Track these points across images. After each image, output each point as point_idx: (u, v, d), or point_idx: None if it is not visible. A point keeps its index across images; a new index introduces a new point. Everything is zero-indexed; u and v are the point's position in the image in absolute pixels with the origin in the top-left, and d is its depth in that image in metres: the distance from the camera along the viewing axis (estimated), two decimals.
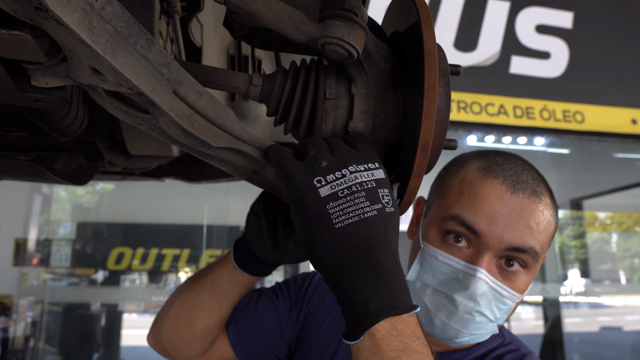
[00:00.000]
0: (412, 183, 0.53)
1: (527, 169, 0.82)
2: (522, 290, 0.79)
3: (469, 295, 0.74)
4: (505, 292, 0.76)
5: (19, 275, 4.42)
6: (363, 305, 0.46)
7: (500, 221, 0.75)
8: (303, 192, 0.49)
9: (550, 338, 5.08)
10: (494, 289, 0.76)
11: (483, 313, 0.75)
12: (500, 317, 0.79)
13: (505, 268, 0.77)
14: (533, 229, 0.76)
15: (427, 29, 0.51)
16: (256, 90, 0.58)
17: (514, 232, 0.75)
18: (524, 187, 0.78)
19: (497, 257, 0.77)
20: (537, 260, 0.78)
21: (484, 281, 0.74)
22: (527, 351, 0.89)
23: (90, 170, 1.10)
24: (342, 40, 0.46)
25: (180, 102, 0.49)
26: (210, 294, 0.88)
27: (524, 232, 0.75)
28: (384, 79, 0.57)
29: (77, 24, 0.40)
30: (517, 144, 4.45)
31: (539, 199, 0.78)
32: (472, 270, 0.75)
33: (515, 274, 0.77)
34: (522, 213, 0.76)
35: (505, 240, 0.75)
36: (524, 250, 0.76)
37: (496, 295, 0.76)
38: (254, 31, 0.61)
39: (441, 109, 0.54)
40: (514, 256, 0.77)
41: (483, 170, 0.81)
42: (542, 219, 0.77)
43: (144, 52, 0.45)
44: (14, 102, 0.54)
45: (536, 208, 0.77)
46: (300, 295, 1.03)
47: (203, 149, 0.54)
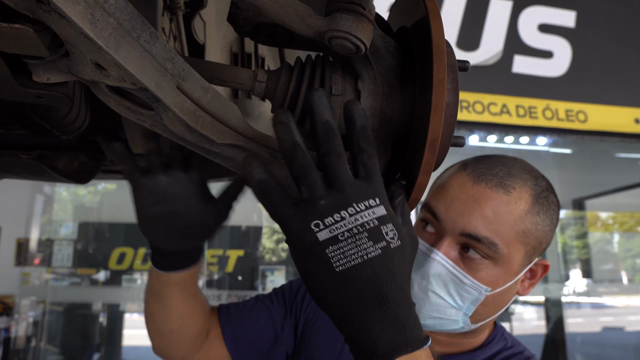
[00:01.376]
0: (420, 180, 0.52)
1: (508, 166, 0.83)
2: (490, 283, 0.79)
3: (422, 274, 0.78)
4: (466, 280, 0.78)
5: (21, 275, 4.42)
6: (372, 345, 0.44)
7: (456, 207, 0.79)
8: (300, 237, 0.46)
9: (553, 338, 5.06)
10: (452, 273, 0.77)
11: (438, 294, 0.78)
12: (465, 306, 0.79)
13: (464, 254, 0.79)
14: (488, 218, 0.77)
15: (436, 24, 0.50)
16: (261, 87, 0.58)
17: (467, 218, 0.77)
18: (489, 179, 0.80)
19: (457, 243, 0.79)
20: (497, 252, 0.77)
21: (439, 262, 0.77)
22: (529, 354, 0.90)
23: (92, 169, 1.09)
24: (350, 34, 0.45)
25: (185, 97, 0.48)
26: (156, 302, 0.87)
27: (477, 219, 0.77)
28: (391, 75, 0.56)
29: (79, 16, 0.39)
30: (519, 143, 4.44)
31: (504, 191, 0.79)
32: (429, 251, 0.79)
33: (477, 263, 0.78)
34: (479, 201, 0.78)
35: (458, 225, 0.78)
36: (476, 238, 0.77)
37: (455, 280, 0.78)
38: (259, 27, 0.60)
39: (449, 105, 0.53)
40: (469, 243, 0.78)
41: (461, 165, 0.86)
42: (503, 210, 0.78)
43: (147, 47, 0.44)
44: (16, 98, 0.53)
45: (496, 198, 0.78)
46: (297, 301, 1.03)
47: (207, 145, 0.53)
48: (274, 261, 5.35)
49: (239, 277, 5.12)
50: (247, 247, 5.28)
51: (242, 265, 5.09)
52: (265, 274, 5.13)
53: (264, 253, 5.40)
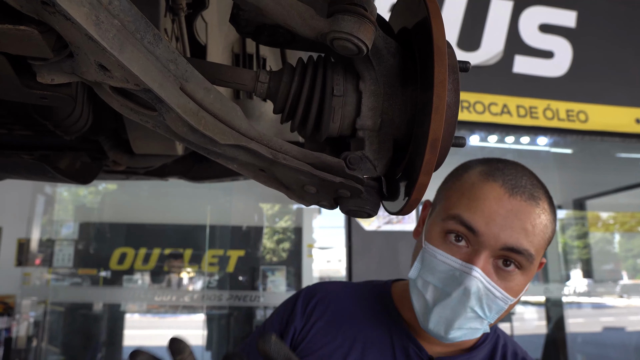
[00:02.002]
0: (420, 180, 0.53)
1: (526, 175, 0.86)
2: (516, 293, 0.82)
3: (464, 291, 0.78)
4: (499, 294, 0.79)
5: (22, 275, 4.43)
6: None
7: (497, 221, 0.79)
8: None
9: (553, 338, 5.06)
10: (488, 289, 0.79)
11: (474, 310, 0.79)
12: (491, 317, 0.82)
13: (503, 268, 0.80)
14: (528, 231, 0.79)
15: (437, 25, 0.50)
16: (263, 87, 0.58)
17: (510, 233, 0.78)
18: (522, 191, 0.81)
19: (494, 257, 0.80)
20: (531, 263, 0.81)
21: (478, 279, 0.78)
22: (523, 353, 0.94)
23: (95, 170, 1.09)
24: (352, 35, 0.46)
25: (187, 98, 0.48)
26: None
27: (519, 233, 0.79)
28: (392, 76, 0.56)
29: (84, 18, 0.39)
30: (520, 143, 4.44)
31: (535, 203, 0.81)
32: (468, 269, 0.78)
33: (511, 274, 0.80)
34: (519, 215, 0.79)
35: (501, 239, 0.78)
36: (518, 251, 0.79)
37: (489, 295, 0.79)
38: (261, 28, 0.60)
39: (450, 106, 0.53)
40: (509, 256, 0.79)
41: (484, 174, 0.85)
42: (538, 222, 0.81)
43: (151, 48, 0.45)
44: (20, 99, 0.53)
45: (532, 211, 0.81)
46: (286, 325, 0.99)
47: (210, 146, 0.53)
48: (274, 261, 5.36)
49: (240, 278, 5.12)
50: (247, 247, 5.29)
51: (242, 265, 5.10)
52: (266, 274, 5.13)
53: (264, 253, 5.41)
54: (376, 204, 0.59)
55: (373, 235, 3.74)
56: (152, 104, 0.51)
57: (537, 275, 6.37)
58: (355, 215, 0.60)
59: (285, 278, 5.19)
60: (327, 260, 5.58)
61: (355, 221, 3.72)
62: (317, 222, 5.58)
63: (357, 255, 3.66)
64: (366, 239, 3.71)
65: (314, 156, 0.54)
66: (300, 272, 5.26)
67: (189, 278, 5.12)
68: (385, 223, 3.77)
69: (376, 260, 3.66)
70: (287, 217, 5.73)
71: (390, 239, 3.73)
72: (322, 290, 1.01)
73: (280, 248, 5.53)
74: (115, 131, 1.05)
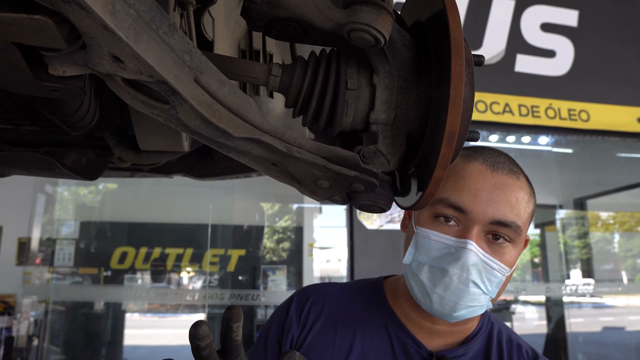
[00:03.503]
0: (436, 174, 0.52)
1: (503, 154, 0.90)
2: (510, 264, 0.84)
3: (461, 266, 0.79)
4: (495, 265, 0.81)
5: (23, 274, 4.42)
6: None
7: (483, 197, 0.81)
8: None
9: (554, 338, 5.07)
10: (484, 261, 0.81)
11: (476, 283, 0.80)
12: (492, 290, 0.83)
13: (493, 242, 0.82)
14: (513, 204, 0.82)
15: (453, 17, 0.50)
16: (275, 81, 0.57)
17: (497, 207, 0.81)
18: (502, 167, 0.85)
19: (485, 232, 0.82)
20: (519, 234, 0.83)
21: (474, 252, 0.80)
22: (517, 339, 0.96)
23: (101, 166, 1.09)
24: (370, 26, 0.45)
25: (202, 90, 0.48)
26: None
27: (504, 207, 0.81)
28: (407, 69, 0.55)
29: (100, 8, 0.39)
30: (521, 142, 4.44)
31: (516, 177, 0.85)
32: (463, 243, 0.80)
33: (503, 247, 0.83)
34: (502, 188, 0.83)
35: (489, 214, 0.81)
36: (506, 224, 0.81)
37: (486, 267, 0.81)
38: (273, 21, 0.59)
39: (466, 100, 0.53)
40: (498, 231, 0.82)
41: (464, 156, 0.88)
42: (520, 195, 0.84)
43: (166, 39, 0.44)
44: (31, 92, 0.53)
45: (514, 184, 0.84)
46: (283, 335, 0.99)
47: (222, 139, 0.53)
48: (275, 261, 5.35)
49: (240, 277, 5.12)
50: (248, 246, 5.29)
51: (243, 264, 5.09)
52: (266, 274, 5.13)
53: (265, 253, 5.40)
54: (390, 198, 0.58)
55: (375, 233, 3.73)
56: (165, 96, 0.50)
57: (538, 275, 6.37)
58: (369, 210, 0.59)
59: (286, 277, 5.19)
60: (327, 259, 5.58)
61: (357, 220, 3.71)
62: (318, 221, 5.58)
63: (359, 254, 3.65)
64: (368, 238, 3.71)
65: (328, 150, 0.53)
66: (301, 272, 5.25)
67: (189, 277, 5.12)
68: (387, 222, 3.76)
69: (378, 258, 3.66)
70: (287, 217, 5.72)
71: (392, 237, 3.72)
72: (315, 291, 1.01)
73: (280, 248, 5.52)
74: (121, 127, 1.04)
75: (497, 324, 0.98)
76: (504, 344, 0.93)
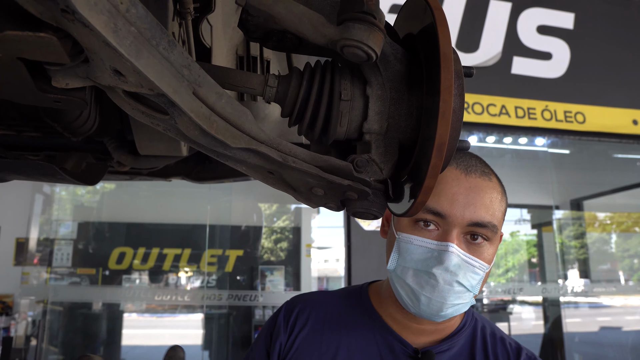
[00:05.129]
0: (427, 183, 0.54)
1: (474, 157, 0.93)
2: (489, 261, 0.88)
3: (445, 268, 0.82)
4: (476, 263, 0.85)
5: (21, 274, 4.43)
6: None
7: (460, 200, 0.85)
8: None
9: (551, 338, 5.09)
10: (466, 261, 0.84)
11: (460, 282, 0.84)
12: (475, 286, 0.87)
13: (472, 242, 0.86)
14: (488, 205, 0.86)
15: (443, 31, 0.52)
16: (271, 91, 0.59)
17: (473, 209, 0.85)
18: (474, 169, 0.89)
19: (463, 233, 0.86)
20: (495, 233, 0.88)
21: (456, 254, 0.83)
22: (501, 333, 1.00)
23: (100, 170, 1.10)
24: (362, 43, 0.47)
25: (200, 103, 0.49)
26: None
27: (480, 208, 0.85)
28: (399, 81, 0.57)
29: (103, 26, 0.40)
30: (518, 144, 4.46)
31: (488, 179, 0.89)
32: (445, 246, 0.84)
33: (481, 246, 0.86)
34: (477, 191, 0.86)
35: (466, 217, 0.84)
36: (483, 224, 0.85)
37: (468, 266, 0.85)
38: (269, 33, 0.61)
39: (455, 111, 0.55)
40: (476, 231, 0.85)
41: None
42: (494, 196, 0.88)
43: (166, 54, 0.46)
44: (35, 103, 0.54)
45: (487, 186, 0.88)
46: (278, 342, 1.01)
47: (220, 149, 0.55)
48: (273, 261, 5.36)
49: (238, 277, 5.13)
50: (246, 247, 5.30)
51: (241, 264, 5.11)
52: (264, 274, 5.14)
53: (263, 253, 5.42)
54: (382, 206, 0.60)
55: (372, 234, 3.75)
56: (165, 107, 0.52)
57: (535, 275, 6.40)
58: (362, 217, 0.61)
59: (284, 278, 5.20)
60: (325, 260, 5.59)
61: (354, 221, 3.73)
62: (316, 222, 5.59)
63: (357, 255, 3.67)
64: (365, 238, 3.73)
65: (322, 159, 0.55)
66: (298, 272, 5.27)
67: (187, 277, 5.13)
68: None
69: (375, 259, 3.68)
70: (285, 217, 5.74)
71: None
72: (302, 301, 1.04)
73: (278, 248, 5.54)
74: (120, 132, 1.06)
75: (481, 320, 1.02)
76: (487, 338, 0.98)
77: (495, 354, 0.95)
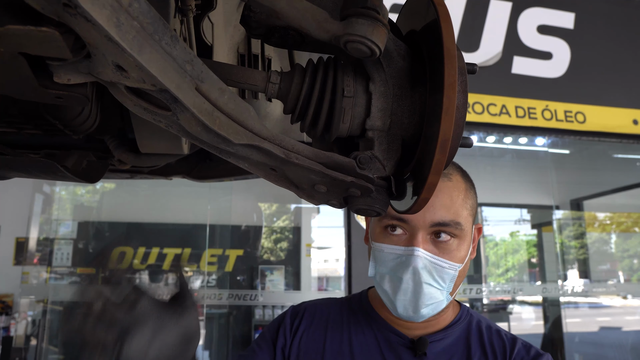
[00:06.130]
0: (430, 179, 0.54)
1: None
2: (460, 259, 0.92)
3: (413, 271, 0.88)
4: (444, 263, 0.90)
5: (21, 274, 4.42)
6: None
7: None
8: None
9: (551, 338, 5.09)
10: (433, 262, 0.89)
11: (429, 283, 0.89)
12: (448, 285, 0.92)
13: (438, 240, 0.91)
14: (448, 205, 0.91)
15: (447, 28, 0.51)
16: (274, 88, 0.59)
17: (433, 211, 0.90)
18: None
19: (429, 234, 0.91)
20: (461, 230, 0.92)
21: (422, 257, 0.89)
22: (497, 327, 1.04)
23: (101, 168, 1.10)
24: (366, 38, 0.47)
25: (203, 98, 0.49)
26: None
27: (440, 209, 0.90)
28: (402, 77, 0.57)
29: (105, 20, 0.40)
30: (518, 144, 4.46)
31: (448, 179, 0.94)
32: (410, 251, 0.89)
33: (448, 244, 0.91)
34: (436, 193, 0.88)
35: (427, 219, 0.90)
36: (445, 224, 0.90)
37: (436, 267, 0.90)
38: (271, 29, 0.61)
39: (459, 107, 0.55)
40: (439, 230, 0.91)
41: None
42: (455, 195, 0.93)
43: (168, 49, 0.45)
44: (36, 99, 0.54)
45: (446, 186, 0.93)
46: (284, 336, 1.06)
47: (223, 145, 0.54)
48: (273, 261, 5.36)
49: (238, 277, 5.13)
50: (246, 246, 5.29)
51: (241, 264, 5.10)
52: (264, 274, 5.14)
53: (263, 253, 5.41)
54: (385, 202, 0.60)
55: None
56: (167, 103, 0.51)
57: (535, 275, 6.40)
58: (365, 214, 0.61)
59: (284, 277, 5.20)
60: (325, 259, 5.59)
61: (355, 221, 3.73)
62: (316, 221, 5.59)
63: (357, 254, 3.67)
64: None
65: (325, 156, 0.55)
66: (298, 272, 5.27)
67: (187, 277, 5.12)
68: None
69: None
70: (285, 217, 5.74)
71: None
72: (306, 305, 1.11)
73: (278, 248, 5.53)
74: (121, 130, 1.05)
75: (477, 316, 1.06)
76: (483, 330, 1.02)
77: (491, 344, 0.99)
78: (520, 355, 0.96)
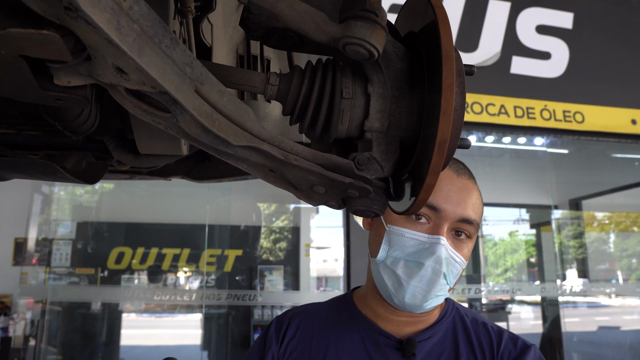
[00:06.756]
0: (428, 181, 0.54)
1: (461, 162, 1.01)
2: (467, 258, 0.95)
3: (436, 259, 0.89)
4: (458, 259, 0.92)
5: (19, 274, 4.42)
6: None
7: (453, 198, 0.92)
8: None
9: (550, 337, 5.10)
10: (451, 256, 0.91)
11: (445, 274, 0.90)
12: (452, 281, 0.93)
13: (457, 238, 0.93)
14: (474, 205, 0.94)
15: (445, 30, 0.52)
16: (273, 90, 0.59)
17: (464, 206, 0.92)
18: (463, 172, 0.97)
19: (451, 229, 0.92)
20: (477, 230, 0.95)
21: (445, 247, 0.90)
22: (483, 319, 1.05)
23: (100, 169, 1.10)
24: (364, 41, 0.47)
25: (202, 100, 0.49)
26: None
27: (469, 207, 0.93)
28: (400, 79, 0.57)
29: (106, 23, 0.40)
30: (517, 143, 4.47)
31: (474, 181, 0.98)
32: (436, 239, 0.90)
33: (463, 243, 0.93)
34: (467, 191, 0.94)
35: (458, 213, 0.91)
36: (470, 221, 0.92)
37: (452, 261, 0.91)
38: (271, 31, 0.61)
39: (457, 109, 0.55)
40: (463, 227, 0.92)
41: None
42: (478, 196, 0.97)
43: (168, 52, 0.46)
44: (36, 101, 0.54)
45: (474, 187, 0.97)
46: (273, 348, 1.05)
47: (222, 147, 0.55)
48: (272, 261, 5.36)
49: (237, 277, 5.13)
50: (245, 246, 5.30)
51: (240, 264, 5.10)
52: (263, 274, 5.14)
53: (262, 253, 5.42)
54: (383, 203, 0.60)
55: None
56: (167, 105, 0.52)
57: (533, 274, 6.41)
58: (363, 214, 0.61)
59: (283, 277, 5.20)
60: (324, 259, 5.60)
61: (353, 221, 3.73)
62: (315, 222, 5.60)
63: (356, 254, 3.67)
64: (365, 238, 3.72)
65: (324, 157, 0.55)
66: (297, 272, 5.27)
67: (186, 277, 5.13)
68: None
69: None
70: (284, 217, 5.74)
71: None
72: (290, 314, 1.09)
73: (277, 248, 5.54)
74: (120, 131, 1.06)
75: (462, 309, 1.07)
76: (469, 324, 1.02)
77: (478, 337, 1.00)
78: (508, 349, 0.96)
